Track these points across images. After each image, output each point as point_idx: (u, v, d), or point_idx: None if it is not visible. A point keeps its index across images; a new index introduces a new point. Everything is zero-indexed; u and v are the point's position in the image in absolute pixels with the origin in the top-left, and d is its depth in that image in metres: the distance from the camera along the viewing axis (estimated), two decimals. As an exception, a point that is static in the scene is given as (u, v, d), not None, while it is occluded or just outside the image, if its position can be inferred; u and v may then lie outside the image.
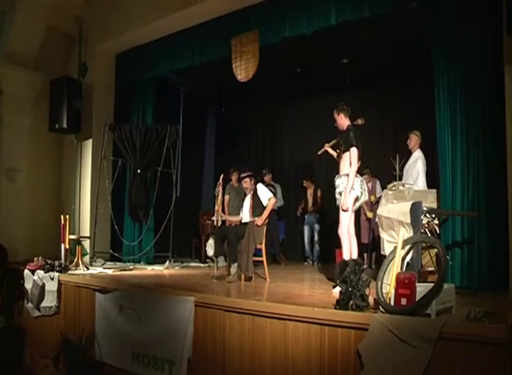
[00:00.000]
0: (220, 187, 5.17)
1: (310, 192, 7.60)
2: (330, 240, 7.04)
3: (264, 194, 5.10)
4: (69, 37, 7.26)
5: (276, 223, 7.57)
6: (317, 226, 7.51)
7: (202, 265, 6.99)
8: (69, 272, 5.24)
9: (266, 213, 4.98)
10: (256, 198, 5.10)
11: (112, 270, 5.70)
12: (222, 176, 5.28)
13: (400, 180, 4.70)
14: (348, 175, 4.10)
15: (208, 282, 4.73)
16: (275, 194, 6.89)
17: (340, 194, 4.16)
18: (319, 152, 4.75)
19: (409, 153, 5.08)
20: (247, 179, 5.17)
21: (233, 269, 4.81)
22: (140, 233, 6.93)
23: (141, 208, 6.84)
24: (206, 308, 3.62)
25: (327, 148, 4.63)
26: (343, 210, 4.11)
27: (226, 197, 6.90)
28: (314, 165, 8.22)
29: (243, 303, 3.43)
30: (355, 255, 4.07)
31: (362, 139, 4.19)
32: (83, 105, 6.86)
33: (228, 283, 4.60)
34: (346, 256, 4.05)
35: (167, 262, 6.45)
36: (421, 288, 2.71)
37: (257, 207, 5.08)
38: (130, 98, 7.38)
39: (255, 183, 5.20)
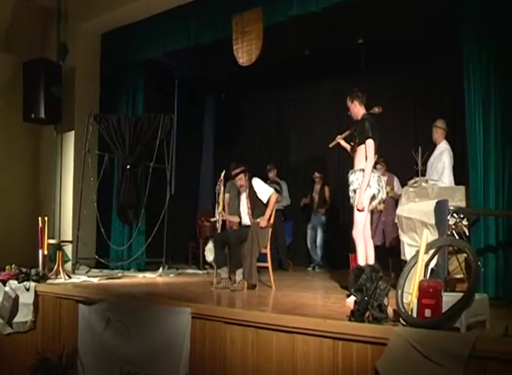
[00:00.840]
0: (221, 185, 5.20)
1: (318, 188, 7.68)
2: (343, 243, 7.12)
3: (263, 190, 5.06)
4: (46, 13, 7.01)
5: (282, 224, 7.60)
6: (320, 230, 7.56)
7: (200, 272, 7.03)
8: (48, 281, 5.19)
9: (269, 212, 4.96)
10: (253, 197, 5.07)
11: (98, 278, 5.69)
12: (223, 172, 5.27)
13: (423, 175, 4.64)
14: (363, 170, 4.11)
15: (207, 291, 4.76)
16: (279, 192, 7.30)
17: (355, 191, 4.18)
18: (331, 145, 4.77)
19: (433, 145, 5.07)
20: (241, 175, 5.08)
21: (238, 276, 4.84)
22: (130, 236, 6.93)
23: (131, 209, 6.85)
24: (204, 320, 3.63)
25: (339, 140, 4.64)
26: (358, 210, 4.11)
27: (227, 196, 6.89)
28: (325, 159, 8.23)
29: (246, 314, 3.44)
30: (371, 260, 4.08)
31: (379, 130, 4.20)
32: (63, 91, 6.74)
33: (232, 291, 4.67)
34: (361, 261, 4.08)
35: (160, 269, 6.47)
36: (449, 298, 2.67)
37: (257, 206, 5.05)
38: (118, 84, 7.38)
39: (249, 179, 5.15)
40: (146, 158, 6.76)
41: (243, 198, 5.17)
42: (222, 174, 5.27)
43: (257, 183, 5.11)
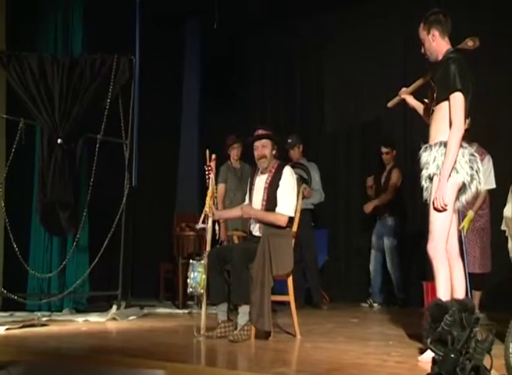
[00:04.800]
0: (212, 173, 5.36)
1: (385, 173, 7.89)
2: (412, 264, 7.29)
3: (287, 196, 5.16)
4: None
5: (312, 233, 7.73)
6: (390, 242, 7.68)
7: (179, 311, 7.13)
8: None
9: (264, 216, 5.15)
10: (274, 190, 5.20)
11: (6, 327, 5.63)
12: (213, 155, 5.41)
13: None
14: (446, 144, 4.12)
15: (191, 343, 4.81)
16: (307, 183, 7.54)
17: (431, 179, 4.21)
18: (390, 104, 4.86)
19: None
20: (267, 142, 5.24)
21: (242, 317, 4.90)
22: (63, 255, 6.94)
23: (64, 211, 6.84)
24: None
25: (404, 95, 4.72)
26: (436, 209, 4.12)
27: (221, 186, 7.08)
28: (381, 128, 8.37)
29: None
30: (461, 293, 4.12)
31: (473, 78, 4.19)
32: None
33: (232, 342, 4.73)
34: (442, 294, 4.06)
35: (113, 309, 6.52)
36: None
37: (273, 202, 5.19)
38: (40, 8, 7.42)
39: (281, 162, 5.31)
40: (89, 127, 6.83)
41: (260, 182, 5.31)
42: (213, 156, 5.40)
43: (289, 179, 5.21)
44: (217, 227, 5.55)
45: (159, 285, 8.37)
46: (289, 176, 5.22)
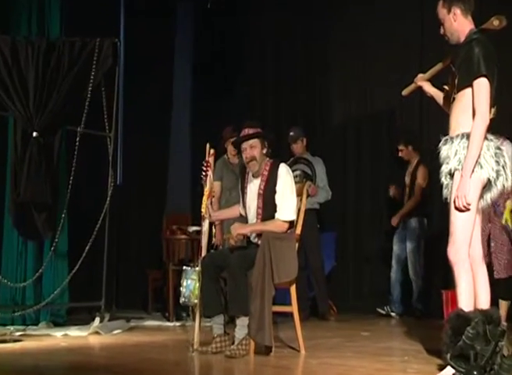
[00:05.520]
0: (210, 169, 5.42)
1: (410, 170, 7.94)
2: (433, 270, 7.49)
3: (286, 198, 5.17)
4: None
5: (318, 236, 7.77)
6: (413, 246, 7.74)
7: (170, 324, 7.24)
8: None
9: (257, 227, 5.19)
10: (271, 192, 5.20)
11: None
12: (211, 150, 5.46)
13: None
14: (469, 136, 4.10)
15: (183, 359, 4.86)
16: (311, 178, 7.56)
17: (451, 174, 4.20)
18: (405, 92, 4.89)
19: None
20: (255, 142, 5.22)
21: (240, 331, 4.90)
22: (39, 262, 6.93)
23: (40, 211, 6.82)
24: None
25: (421, 82, 4.72)
26: (459, 209, 4.10)
27: (217, 184, 7.02)
28: (395, 118, 8.45)
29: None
30: (485, 303, 4.09)
31: (498, 62, 4.16)
32: None
33: (229, 358, 4.73)
34: (464, 303, 4.03)
35: (96, 321, 6.54)
36: None
37: (271, 210, 5.18)
38: None
39: (273, 161, 5.30)
40: (68, 118, 6.87)
41: (253, 187, 5.33)
42: (211, 152, 5.45)
43: (285, 180, 5.21)
44: (213, 230, 5.59)
45: (147, 295, 8.39)
46: (285, 176, 5.22)
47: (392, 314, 7.78)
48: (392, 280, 7.85)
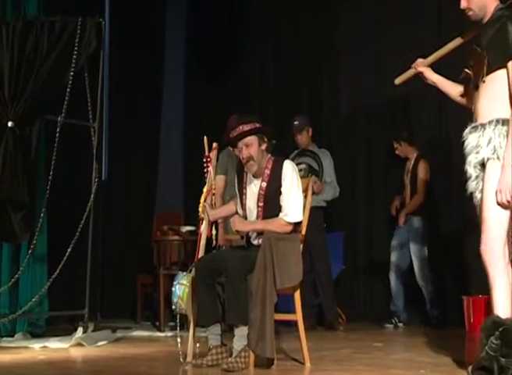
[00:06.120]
0: (211, 165, 5.50)
1: (409, 167, 8.00)
2: (447, 275, 7.66)
3: (293, 200, 5.18)
4: None
5: (324, 236, 7.86)
6: (418, 248, 7.79)
7: (161, 334, 7.32)
8: None
9: (260, 226, 5.21)
10: (273, 191, 5.23)
11: None
12: (214, 143, 5.54)
13: None
14: (504, 122, 4.11)
15: (175, 373, 4.91)
16: (317, 173, 7.65)
17: (483, 165, 4.23)
18: (398, 80, 5.02)
19: None
20: (252, 139, 5.22)
21: (238, 341, 4.91)
22: (15, 267, 6.94)
23: (16, 211, 6.78)
24: None
25: (421, 68, 4.81)
26: (499, 204, 4.11)
27: (220, 178, 7.08)
28: (410, 107, 8.55)
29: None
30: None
31: None
32: None
33: (227, 372, 4.73)
34: (502, 310, 4.06)
35: (79, 332, 6.57)
36: None
37: (274, 210, 5.20)
38: None
39: (275, 156, 5.34)
40: (48, 107, 6.91)
41: (254, 188, 5.33)
42: (214, 145, 5.54)
43: (292, 180, 5.21)
44: (214, 232, 5.54)
45: (136, 302, 8.40)
46: (291, 175, 5.22)
47: (400, 324, 7.82)
48: (393, 292, 7.88)
